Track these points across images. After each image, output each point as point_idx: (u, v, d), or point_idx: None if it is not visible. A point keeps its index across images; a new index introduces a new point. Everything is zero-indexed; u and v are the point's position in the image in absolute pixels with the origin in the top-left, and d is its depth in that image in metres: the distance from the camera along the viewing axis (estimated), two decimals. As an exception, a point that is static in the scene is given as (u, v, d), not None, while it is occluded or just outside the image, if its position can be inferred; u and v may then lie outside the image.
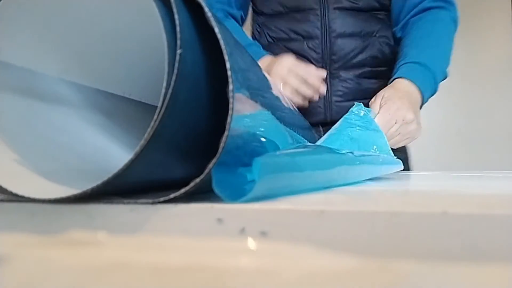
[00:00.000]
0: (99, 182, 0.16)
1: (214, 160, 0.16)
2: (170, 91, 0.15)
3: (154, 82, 0.30)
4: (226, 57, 0.16)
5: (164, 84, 0.15)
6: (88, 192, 0.16)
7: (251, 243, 0.15)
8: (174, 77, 0.15)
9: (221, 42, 0.17)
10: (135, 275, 0.14)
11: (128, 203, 0.16)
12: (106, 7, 0.23)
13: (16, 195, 0.17)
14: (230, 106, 0.16)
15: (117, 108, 0.31)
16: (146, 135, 0.15)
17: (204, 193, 0.19)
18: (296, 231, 0.15)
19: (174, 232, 0.16)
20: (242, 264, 0.14)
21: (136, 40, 0.27)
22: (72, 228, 0.16)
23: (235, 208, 0.16)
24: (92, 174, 0.23)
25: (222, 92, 0.17)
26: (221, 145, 0.16)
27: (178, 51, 0.15)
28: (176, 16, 0.16)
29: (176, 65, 0.15)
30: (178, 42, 0.16)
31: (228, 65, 0.16)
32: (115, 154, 0.27)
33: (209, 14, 0.17)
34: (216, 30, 0.17)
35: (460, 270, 0.13)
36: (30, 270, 0.15)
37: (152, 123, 0.15)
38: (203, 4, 0.17)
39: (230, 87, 0.16)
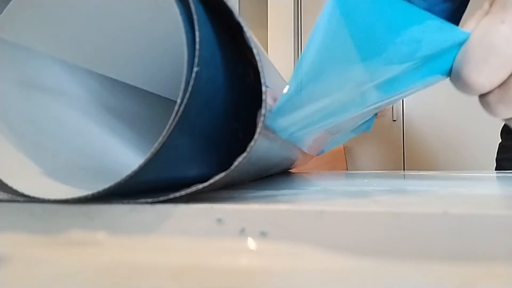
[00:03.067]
0: (99, 188, 0.15)
1: (222, 174, 0.16)
2: (181, 108, 0.15)
3: (166, 73, 0.30)
4: (263, 85, 0.16)
5: (178, 101, 0.15)
6: (88, 197, 0.16)
7: (251, 243, 0.15)
8: (187, 95, 0.15)
9: (259, 64, 0.16)
10: (135, 275, 0.14)
11: (128, 203, 0.16)
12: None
13: (17, 193, 0.17)
14: (258, 130, 0.16)
15: (122, 104, 0.31)
16: (153, 149, 0.15)
17: (204, 193, 0.19)
18: (296, 231, 0.15)
19: (173, 232, 0.16)
20: (242, 264, 0.14)
21: (153, 33, 0.27)
22: (72, 228, 0.16)
23: (235, 209, 0.16)
24: (92, 171, 0.23)
25: (237, 102, 0.17)
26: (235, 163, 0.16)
27: (195, 69, 0.15)
28: (197, 33, 0.16)
29: (191, 82, 0.15)
30: (196, 59, 0.15)
31: (264, 89, 0.16)
32: (117, 151, 0.27)
33: (248, 34, 0.17)
34: (255, 51, 0.16)
35: (460, 270, 0.13)
36: (30, 270, 0.15)
37: (160, 138, 0.15)
38: (243, 24, 0.17)
39: (263, 111, 0.16)
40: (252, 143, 0.16)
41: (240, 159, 0.16)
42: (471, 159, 1.50)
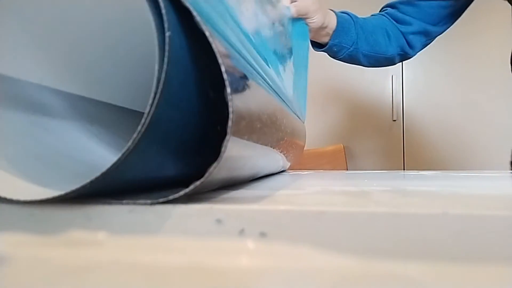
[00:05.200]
0: (92, 178, 0.15)
1: (215, 164, 0.16)
2: (163, 74, 0.15)
3: (139, 89, 0.31)
4: (220, 60, 0.16)
5: (156, 67, 0.15)
6: (80, 190, 0.16)
7: (250, 244, 0.15)
8: (166, 60, 0.15)
9: (214, 47, 0.16)
10: (135, 276, 0.14)
11: (127, 203, 0.16)
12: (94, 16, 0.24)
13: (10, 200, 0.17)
14: (230, 110, 0.16)
15: (104, 115, 0.31)
16: (140, 126, 0.15)
17: (203, 194, 0.19)
18: (296, 232, 0.15)
19: (173, 233, 0.16)
20: (241, 264, 0.14)
21: (123, 48, 0.27)
22: (72, 228, 0.16)
23: (234, 209, 0.16)
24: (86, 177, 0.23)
25: (216, 88, 0.17)
26: (223, 149, 0.16)
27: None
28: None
29: (166, 54, 0.15)
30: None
31: (223, 69, 0.16)
32: (107, 157, 0.27)
33: (198, 18, 0.16)
34: (207, 33, 0.16)
35: (460, 270, 0.13)
36: (30, 270, 0.15)
37: (145, 115, 0.15)
38: (191, 9, 0.17)
39: (228, 90, 0.16)
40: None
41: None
42: (472, 159, 1.50)
